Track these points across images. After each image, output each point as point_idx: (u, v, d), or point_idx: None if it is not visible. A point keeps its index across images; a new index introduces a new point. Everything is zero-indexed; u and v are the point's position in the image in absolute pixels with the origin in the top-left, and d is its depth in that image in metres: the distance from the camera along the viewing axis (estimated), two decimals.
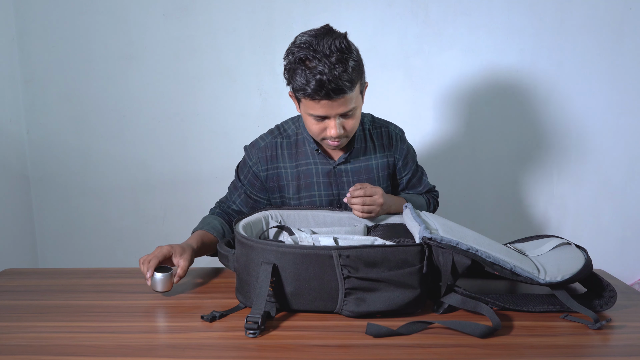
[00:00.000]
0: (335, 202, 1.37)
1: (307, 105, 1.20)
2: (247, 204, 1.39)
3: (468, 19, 1.93)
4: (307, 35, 1.17)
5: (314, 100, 1.16)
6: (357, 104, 1.23)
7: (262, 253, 0.99)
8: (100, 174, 2.06)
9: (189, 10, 1.94)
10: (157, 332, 0.97)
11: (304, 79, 1.14)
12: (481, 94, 1.98)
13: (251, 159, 1.36)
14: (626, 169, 2.02)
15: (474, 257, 0.98)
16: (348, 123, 1.23)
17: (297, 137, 1.37)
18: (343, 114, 1.21)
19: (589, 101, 1.98)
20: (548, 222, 2.07)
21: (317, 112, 1.19)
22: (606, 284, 1.03)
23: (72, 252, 2.12)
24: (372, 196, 1.24)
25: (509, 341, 0.92)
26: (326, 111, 1.18)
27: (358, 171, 1.37)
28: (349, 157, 1.36)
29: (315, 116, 1.21)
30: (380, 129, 1.41)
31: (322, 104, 1.17)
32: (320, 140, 1.28)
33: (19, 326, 0.99)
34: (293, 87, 1.19)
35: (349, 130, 1.24)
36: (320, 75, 1.12)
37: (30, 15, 1.96)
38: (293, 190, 1.36)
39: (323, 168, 1.35)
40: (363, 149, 1.38)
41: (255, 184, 1.37)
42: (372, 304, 0.99)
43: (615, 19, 1.91)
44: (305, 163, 1.35)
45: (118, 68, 1.99)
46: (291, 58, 1.17)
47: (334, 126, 1.21)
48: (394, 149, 1.41)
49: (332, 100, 1.16)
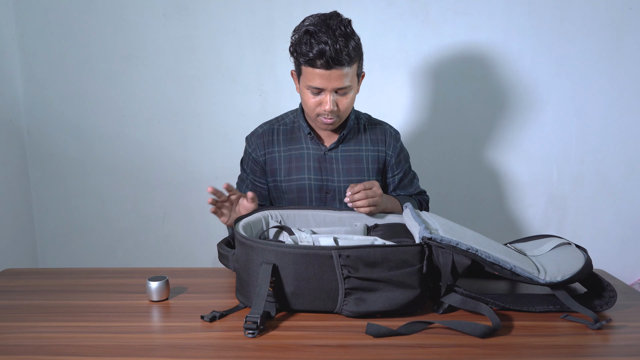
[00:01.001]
0: (324, 187, 1.41)
1: (306, 76, 1.28)
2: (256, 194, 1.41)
3: (468, 19, 1.93)
4: (315, 17, 1.28)
5: (314, 68, 1.25)
6: (352, 85, 1.30)
7: (262, 253, 0.99)
8: (100, 174, 2.06)
9: (189, 10, 1.94)
10: (157, 332, 0.97)
11: (309, 46, 1.23)
12: (481, 94, 1.98)
13: (250, 146, 1.43)
14: (626, 169, 2.02)
15: (474, 257, 0.98)
16: (342, 102, 1.30)
17: (294, 124, 1.44)
18: (338, 91, 1.28)
19: (589, 101, 1.98)
20: (548, 222, 2.07)
21: (315, 84, 1.27)
22: (606, 284, 1.03)
23: (72, 252, 2.12)
24: (371, 188, 1.27)
25: (509, 341, 0.92)
26: (323, 83, 1.26)
27: (348, 159, 1.41)
28: (340, 143, 1.41)
29: (312, 88, 1.28)
30: (376, 125, 1.48)
31: (320, 75, 1.25)
32: (315, 118, 1.34)
33: (19, 326, 0.99)
34: (296, 55, 1.28)
35: (342, 109, 1.31)
36: (324, 45, 1.22)
37: (30, 15, 1.96)
38: (284, 173, 1.41)
39: (314, 153, 1.41)
40: (355, 139, 1.43)
41: (257, 170, 1.44)
42: (372, 304, 0.99)
43: (615, 19, 1.91)
44: (297, 147, 1.41)
45: (118, 68, 1.99)
46: (299, 32, 1.27)
47: (328, 101, 1.28)
48: (386, 145, 1.45)
49: (329, 70, 1.24)
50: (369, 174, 1.42)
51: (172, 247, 2.11)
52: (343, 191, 1.40)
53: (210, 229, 2.07)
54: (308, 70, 1.26)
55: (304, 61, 1.25)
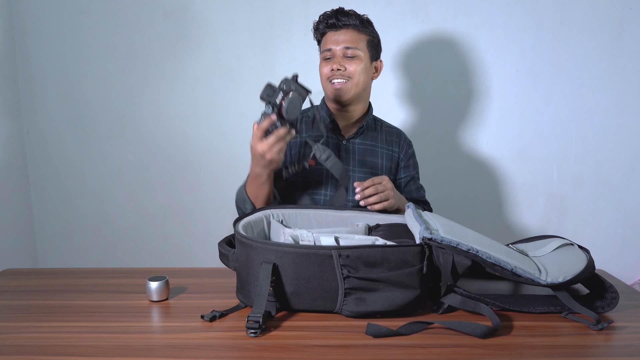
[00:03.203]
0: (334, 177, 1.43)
1: (322, 46, 1.42)
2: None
3: (468, 19, 1.93)
4: None
5: (325, 34, 1.40)
6: (362, 53, 1.38)
7: (262, 252, 0.99)
8: (100, 174, 2.06)
9: (189, 10, 1.94)
10: (156, 332, 0.97)
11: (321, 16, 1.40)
12: (481, 94, 1.98)
13: None
14: (626, 169, 2.02)
15: (475, 257, 0.98)
16: (350, 65, 1.37)
17: (315, 117, 1.48)
18: (346, 52, 1.36)
19: (589, 101, 1.98)
20: (548, 222, 2.07)
21: (325, 46, 1.39)
22: (608, 286, 1.03)
23: (72, 252, 2.12)
24: (381, 182, 1.27)
25: (509, 341, 0.92)
26: (332, 42, 1.37)
27: (364, 152, 1.46)
28: (358, 135, 1.47)
29: (325, 52, 1.39)
30: (391, 128, 1.54)
31: (329, 36, 1.39)
32: (328, 85, 1.41)
33: (19, 326, 0.98)
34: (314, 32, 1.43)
35: (351, 72, 1.37)
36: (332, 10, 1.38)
37: (30, 15, 1.96)
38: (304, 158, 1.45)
39: (334, 142, 1.46)
40: (372, 136, 1.49)
41: None
42: (372, 304, 0.99)
43: (615, 19, 1.91)
44: (318, 135, 1.46)
45: (118, 68, 1.98)
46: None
47: (337, 61, 1.37)
48: (400, 147, 1.50)
49: (337, 31, 1.37)
50: (382, 169, 1.46)
51: (172, 247, 2.11)
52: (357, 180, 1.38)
53: (210, 229, 2.07)
54: (323, 40, 1.41)
55: (320, 31, 1.41)
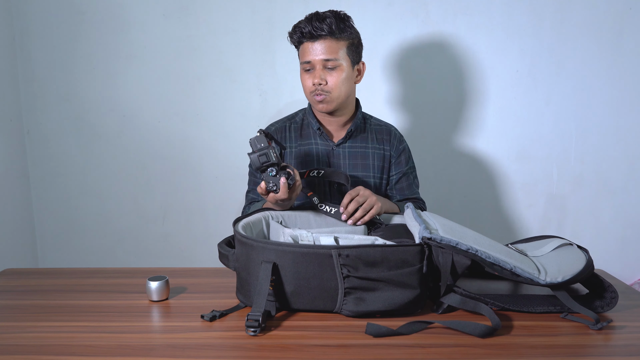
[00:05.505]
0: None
1: (300, 56, 1.38)
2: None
3: (468, 19, 1.93)
4: None
5: (302, 44, 1.35)
6: (341, 63, 1.34)
7: (262, 252, 1.00)
8: (100, 174, 2.06)
9: (189, 10, 1.94)
10: (157, 332, 0.97)
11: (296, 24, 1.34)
12: (481, 94, 1.98)
13: None
14: (626, 169, 2.02)
15: (474, 257, 0.98)
16: (331, 78, 1.34)
17: (303, 122, 1.48)
18: (326, 64, 1.33)
19: (589, 101, 1.98)
20: (548, 222, 2.07)
21: (303, 58, 1.35)
22: (607, 285, 1.03)
23: (72, 252, 2.12)
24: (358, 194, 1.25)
25: (509, 341, 0.92)
26: (310, 55, 1.33)
27: (354, 155, 1.45)
28: (348, 139, 1.45)
29: (304, 64, 1.36)
30: (381, 126, 1.51)
31: (306, 47, 1.34)
32: (311, 98, 1.38)
33: (19, 326, 0.99)
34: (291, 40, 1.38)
35: (331, 86, 1.34)
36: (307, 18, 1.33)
37: (30, 15, 1.96)
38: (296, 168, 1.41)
39: (323, 149, 1.44)
40: (362, 137, 1.48)
41: None
42: (372, 303, 0.99)
43: (615, 19, 1.91)
44: (307, 143, 1.45)
45: (118, 68, 1.98)
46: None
47: (317, 74, 1.33)
48: (390, 144, 1.49)
49: (314, 42, 1.32)
50: (374, 170, 1.45)
51: (172, 247, 2.11)
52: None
53: (210, 229, 2.08)
54: (300, 50, 1.37)
55: (295, 40, 1.36)
